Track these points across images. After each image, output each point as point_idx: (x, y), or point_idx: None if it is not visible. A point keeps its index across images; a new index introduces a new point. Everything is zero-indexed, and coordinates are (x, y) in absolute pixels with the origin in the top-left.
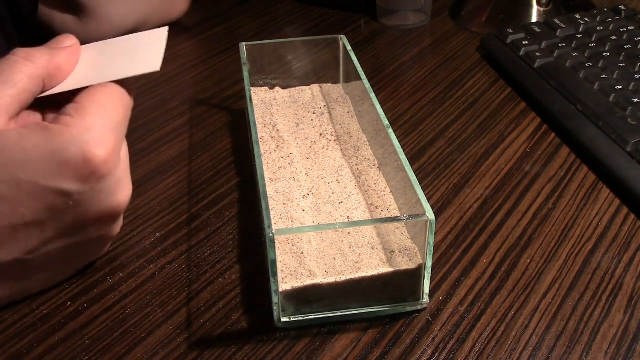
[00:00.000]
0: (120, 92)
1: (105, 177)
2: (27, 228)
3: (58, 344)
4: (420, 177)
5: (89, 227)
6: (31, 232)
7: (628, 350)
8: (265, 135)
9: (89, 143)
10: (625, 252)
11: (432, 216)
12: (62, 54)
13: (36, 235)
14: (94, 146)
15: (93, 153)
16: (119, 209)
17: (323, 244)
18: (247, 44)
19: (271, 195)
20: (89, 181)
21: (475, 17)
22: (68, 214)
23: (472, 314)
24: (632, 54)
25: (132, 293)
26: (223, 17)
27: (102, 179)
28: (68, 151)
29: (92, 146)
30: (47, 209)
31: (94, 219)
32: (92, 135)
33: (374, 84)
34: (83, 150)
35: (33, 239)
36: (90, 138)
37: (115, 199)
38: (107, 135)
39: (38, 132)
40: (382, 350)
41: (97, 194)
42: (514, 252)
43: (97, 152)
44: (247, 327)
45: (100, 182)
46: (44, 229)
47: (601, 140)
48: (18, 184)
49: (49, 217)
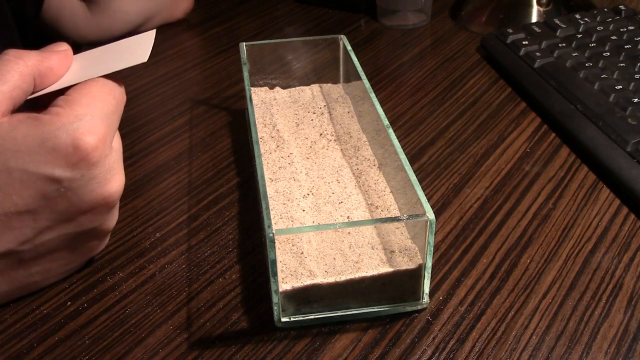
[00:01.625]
0: (109, 84)
1: (96, 165)
2: (20, 216)
3: (58, 344)
4: (420, 177)
5: (82, 216)
6: (24, 221)
7: (628, 350)
8: (265, 135)
9: (78, 130)
10: (625, 252)
11: (432, 216)
12: (54, 56)
13: (29, 224)
14: (84, 133)
15: (83, 140)
16: (111, 198)
17: (323, 244)
18: (247, 44)
19: (271, 195)
20: (79, 168)
21: (475, 17)
22: (60, 202)
23: (472, 314)
24: (632, 54)
25: (132, 293)
26: (223, 17)
27: (93, 166)
28: (58, 138)
29: (82, 133)
30: (39, 197)
31: (86, 208)
32: (82, 123)
33: (374, 84)
34: (73, 138)
35: (27, 228)
36: (80, 126)
37: (107, 188)
38: (97, 123)
39: (28, 122)
40: (382, 350)
41: (88, 182)
42: (514, 252)
43: (87, 139)
44: (247, 327)
45: (91, 169)
46: (36, 218)
47: (601, 140)
48: (9, 172)
49: (42, 206)
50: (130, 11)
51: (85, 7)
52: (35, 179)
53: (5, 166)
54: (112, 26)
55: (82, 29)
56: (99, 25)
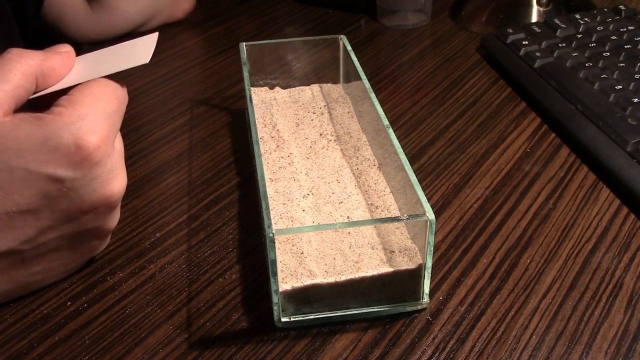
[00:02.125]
0: (112, 85)
1: (98, 165)
2: (22, 215)
3: (58, 344)
4: (420, 177)
5: (84, 216)
6: (26, 220)
7: (628, 350)
8: (265, 135)
9: (81, 130)
10: (625, 252)
11: (432, 216)
12: (56, 56)
13: (32, 223)
14: (86, 133)
15: (85, 140)
16: (112, 198)
17: (323, 244)
18: (247, 44)
19: (271, 195)
20: (81, 167)
21: (475, 17)
22: (62, 202)
23: (472, 314)
24: (632, 54)
25: (132, 293)
26: (223, 17)
27: (95, 166)
28: (60, 137)
29: (84, 133)
30: (41, 196)
31: (88, 207)
32: (85, 123)
33: (374, 84)
34: (75, 137)
35: (29, 227)
36: (82, 125)
37: (109, 188)
38: (100, 123)
39: (31, 121)
40: (382, 350)
41: (90, 182)
42: (514, 252)
43: (89, 139)
44: (247, 327)
45: (93, 169)
46: (38, 217)
47: (601, 140)
48: (11, 170)
49: (44, 205)
50: (130, 10)
51: (87, 5)
52: (37, 178)
53: (7, 165)
54: (112, 25)
55: (84, 27)
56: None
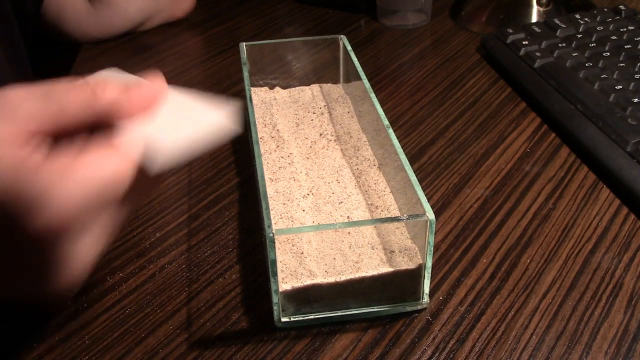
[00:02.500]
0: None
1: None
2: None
3: (58, 344)
4: (420, 177)
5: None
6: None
7: (628, 350)
8: (265, 135)
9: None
10: (625, 252)
11: (432, 216)
12: (138, 93)
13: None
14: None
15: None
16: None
17: (323, 244)
18: (247, 44)
19: (271, 195)
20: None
21: (475, 17)
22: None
23: (472, 314)
24: (632, 54)
25: (132, 293)
26: (223, 17)
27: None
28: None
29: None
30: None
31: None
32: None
33: (374, 84)
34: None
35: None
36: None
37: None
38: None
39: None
40: (382, 350)
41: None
42: (514, 252)
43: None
44: (247, 327)
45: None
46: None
47: (601, 140)
48: None
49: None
50: (130, 9)
51: (87, 3)
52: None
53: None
54: (113, 23)
55: (84, 25)
56: (100, 22)
